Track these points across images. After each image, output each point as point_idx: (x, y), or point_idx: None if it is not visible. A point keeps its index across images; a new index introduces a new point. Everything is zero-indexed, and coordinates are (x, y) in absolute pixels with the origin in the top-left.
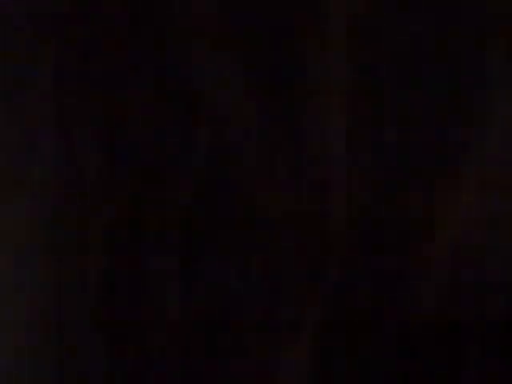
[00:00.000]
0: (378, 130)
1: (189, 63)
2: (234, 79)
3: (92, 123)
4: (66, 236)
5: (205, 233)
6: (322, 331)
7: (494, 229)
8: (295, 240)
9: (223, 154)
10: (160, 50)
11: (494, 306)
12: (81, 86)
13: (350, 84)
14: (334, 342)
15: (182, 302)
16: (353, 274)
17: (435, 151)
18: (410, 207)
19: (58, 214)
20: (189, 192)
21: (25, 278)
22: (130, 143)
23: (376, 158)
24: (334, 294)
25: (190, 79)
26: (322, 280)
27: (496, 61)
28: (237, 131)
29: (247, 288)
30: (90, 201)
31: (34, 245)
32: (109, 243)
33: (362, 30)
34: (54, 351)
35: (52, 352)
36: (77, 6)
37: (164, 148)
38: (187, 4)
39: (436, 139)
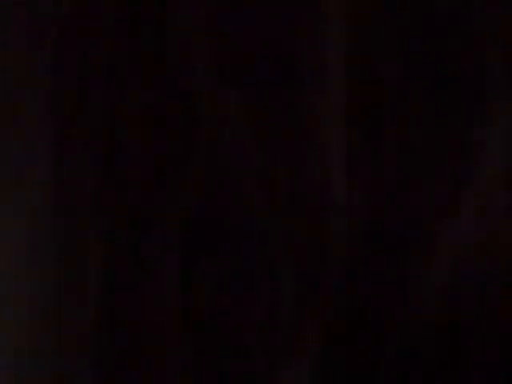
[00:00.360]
0: (378, 130)
1: (189, 63)
2: (233, 79)
3: (92, 123)
4: (66, 236)
5: (205, 233)
6: (321, 331)
7: (495, 229)
8: (295, 240)
9: (223, 153)
10: (160, 49)
11: (493, 306)
12: (80, 86)
13: (350, 84)
14: (334, 342)
15: (182, 302)
16: (353, 274)
17: (435, 151)
18: (410, 207)
19: (58, 215)
20: (189, 192)
21: (25, 278)
22: (129, 143)
23: (376, 159)
24: (334, 293)
25: (190, 79)
26: (322, 280)
27: (496, 62)
28: (237, 131)
29: (247, 288)
30: (89, 201)
31: (34, 245)
32: (109, 243)
33: (361, 30)
34: (54, 351)
35: (52, 352)
36: (77, 5)
37: (164, 148)
38: (187, 4)
39: (436, 139)
